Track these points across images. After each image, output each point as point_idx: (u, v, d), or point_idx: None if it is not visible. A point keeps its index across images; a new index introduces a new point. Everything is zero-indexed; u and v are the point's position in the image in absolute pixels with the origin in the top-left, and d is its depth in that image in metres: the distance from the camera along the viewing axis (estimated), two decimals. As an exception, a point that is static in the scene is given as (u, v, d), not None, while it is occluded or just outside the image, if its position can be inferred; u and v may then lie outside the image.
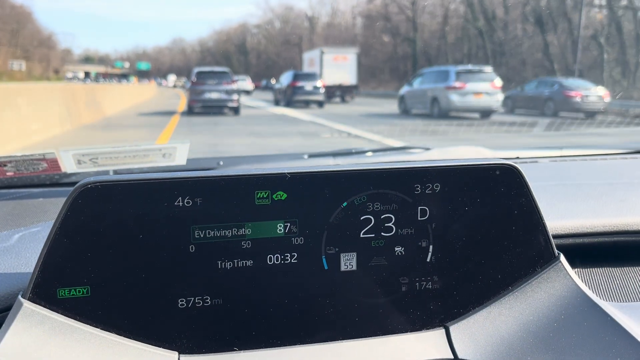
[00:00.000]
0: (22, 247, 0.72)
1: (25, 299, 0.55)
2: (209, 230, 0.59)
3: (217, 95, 16.16)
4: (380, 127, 12.22)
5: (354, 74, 27.29)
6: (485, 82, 15.38)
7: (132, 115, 15.76)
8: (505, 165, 0.65)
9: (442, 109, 15.41)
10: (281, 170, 0.60)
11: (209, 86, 16.21)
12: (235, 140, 9.69)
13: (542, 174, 1.23)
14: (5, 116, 9.16)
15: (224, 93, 16.19)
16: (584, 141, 8.84)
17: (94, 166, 1.05)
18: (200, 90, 16.16)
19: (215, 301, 0.60)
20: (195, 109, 16.23)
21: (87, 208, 0.56)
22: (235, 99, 16.30)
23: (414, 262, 0.65)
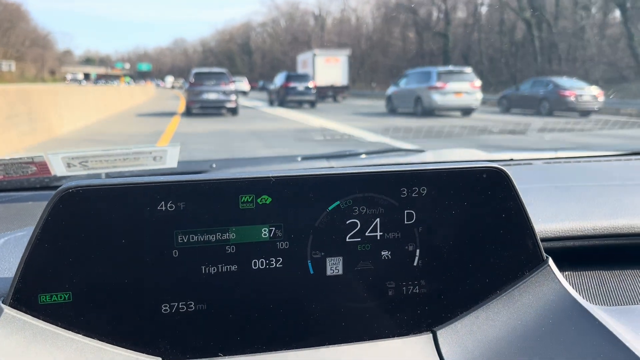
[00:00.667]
0: (6, 251, 0.72)
1: (6, 304, 0.55)
2: (192, 235, 0.59)
3: (215, 96, 16.11)
4: (367, 124, 12.59)
5: (346, 75, 28.50)
6: (465, 82, 16.11)
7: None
8: (492, 168, 0.65)
9: (424, 108, 16.11)
10: (266, 174, 0.60)
11: (207, 87, 16.16)
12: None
13: (535, 176, 1.23)
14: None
15: (221, 94, 16.14)
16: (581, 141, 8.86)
17: (84, 169, 1.05)
18: (198, 91, 16.12)
19: (200, 306, 0.60)
20: (193, 109, 16.23)
21: (68, 213, 0.55)
22: (233, 100, 16.29)
23: (400, 266, 0.64)
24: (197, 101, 16.17)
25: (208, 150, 8.26)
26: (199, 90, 16.14)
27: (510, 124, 12.25)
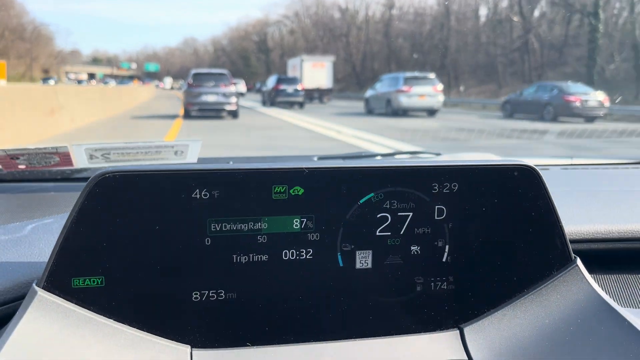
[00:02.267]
0: (35, 237, 0.72)
1: (40, 287, 0.55)
2: (225, 224, 0.59)
3: (214, 98, 15.42)
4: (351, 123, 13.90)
5: (330, 79, 31.61)
6: (428, 86, 18.43)
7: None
8: (523, 166, 0.65)
9: (393, 109, 18.32)
10: (299, 166, 0.60)
11: (206, 88, 15.58)
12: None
13: (554, 180, 1.22)
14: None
15: (221, 96, 15.43)
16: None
17: (106, 161, 1.05)
18: (196, 93, 15.51)
19: (230, 295, 0.60)
20: (191, 112, 15.54)
21: (104, 198, 0.55)
22: (234, 102, 15.53)
23: (429, 261, 0.64)
24: (195, 103, 15.46)
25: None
26: (198, 92, 15.48)
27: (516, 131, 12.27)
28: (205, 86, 15.62)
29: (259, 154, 7.96)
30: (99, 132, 11.73)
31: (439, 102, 18.60)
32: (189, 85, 15.86)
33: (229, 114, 15.67)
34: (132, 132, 11.88)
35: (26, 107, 9.59)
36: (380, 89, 19.87)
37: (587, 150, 8.93)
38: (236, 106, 15.65)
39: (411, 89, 18.23)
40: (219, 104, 15.51)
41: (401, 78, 18.86)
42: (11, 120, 8.87)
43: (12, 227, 0.77)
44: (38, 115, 10.07)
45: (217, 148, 8.13)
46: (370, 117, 18.17)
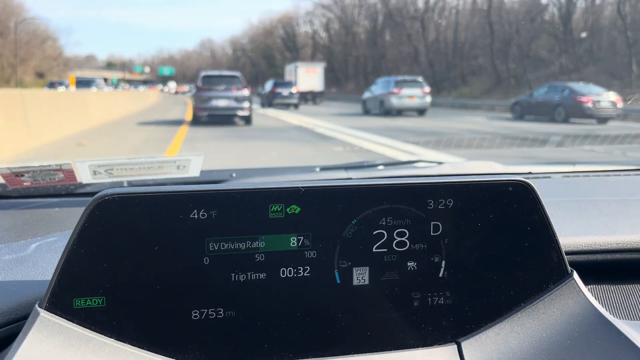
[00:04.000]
0: (39, 256, 0.73)
1: (42, 308, 0.56)
2: (223, 243, 0.60)
3: (225, 103, 14.43)
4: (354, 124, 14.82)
5: (322, 83, 35.86)
6: (416, 88, 20.30)
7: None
8: (518, 181, 0.65)
9: (385, 109, 20.14)
10: (295, 185, 0.61)
11: (217, 92, 14.45)
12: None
13: (555, 189, 1.23)
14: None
15: (233, 100, 14.43)
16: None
17: (109, 177, 1.06)
18: (206, 97, 14.39)
19: (228, 313, 0.61)
20: (201, 118, 14.56)
21: (104, 219, 0.57)
22: (247, 107, 14.52)
23: (426, 277, 0.65)
24: (205, 108, 14.44)
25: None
26: (208, 96, 14.40)
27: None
28: (215, 90, 14.56)
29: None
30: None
31: (427, 102, 20.37)
32: (198, 89, 14.84)
33: (242, 119, 14.87)
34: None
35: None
36: (375, 91, 21.63)
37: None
38: (249, 111, 14.74)
39: (401, 91, 20.02)
40: (230, 109, 14.58)
41: (392, 81, 20.67)
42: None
43: (17, 245, 0.78)
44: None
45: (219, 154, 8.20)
46: (367, 117, 19.86)
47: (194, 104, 15.01)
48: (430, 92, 21.04)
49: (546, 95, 17.92)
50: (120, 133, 13.04)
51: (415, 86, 20.41)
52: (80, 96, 15.53)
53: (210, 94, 14.49)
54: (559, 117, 16.79)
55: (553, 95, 17.54)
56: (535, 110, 18.08)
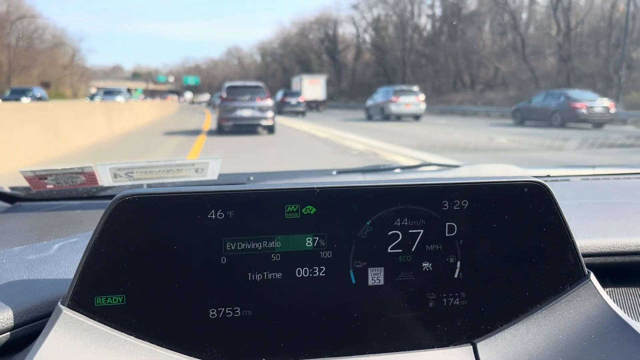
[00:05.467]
0: (62, 256, 0.75)
1: (65, 306, 0.58)
2: (240, 243, 0.61)
3: (249, 113, 14.75)
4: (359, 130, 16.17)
5: (324, 92, 40.79)
6: (412, 97, 23.39)
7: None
8: (533, 182, 0.65)
9: (385, 115, 23.32)
10: (311, 185, 0.62)
11: (241, 102, 14.76)
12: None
13: (574, 192, 1.22)
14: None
15: (257, 110, 14.74)
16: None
17: (129, 180, 1.08)
18: (231, 107, 14.75)
19: (245, 312, 0.62)
20: (225, 127, 14.90)
21: (124, 220, 0.58)
22: (270, 117, 14.82)
23: (441, 278, 0.65)
24: (229, 118, 14.79)
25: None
26: (232, 106, 14.75)
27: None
28: (240, 100, 14.87)
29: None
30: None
31: (421, 109, 23.40)
32: (223, 100, 15.11)
33: (265, 129, 15.16)
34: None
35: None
36: (377, 99, 24.68)
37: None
38: (272, 121, 15.01)
39: (399, 99, 23.12)
40: (254, 119, 14.90)
41: (391, 90, 23.78)
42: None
43: (40, 246, 0.80)
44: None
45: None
46: (371, 122, 22.76)
47: (219, 114, 15.22)
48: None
49: (544, 101, 19.37)
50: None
51: (411, 95, 23.47)
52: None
53: (235, 104, 14.78)
54: (555, 122, 18.27)
55: (550, 101, 19.00)
56: (535, 116, 19.51)
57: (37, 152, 9.07)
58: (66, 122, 11.23)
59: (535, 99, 20.15)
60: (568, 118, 17.89)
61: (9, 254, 0.76)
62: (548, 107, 18.85)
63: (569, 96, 18.40)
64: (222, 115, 14.95)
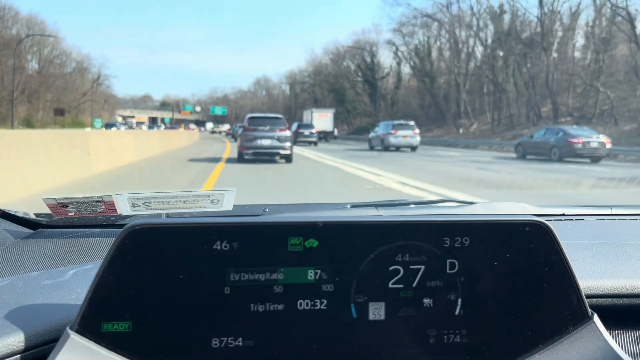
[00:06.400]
0: (75, 282, 0.78)
1: (73, 330, 0.60)
2: (243, 274, 0.63)
3: (269, 142, 15.61)
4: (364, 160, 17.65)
5: (332, 124, 46.97)
6: (409, 130, 26.54)
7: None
8: (534, 222, 0.66)
9: (385, 146, 26.48)
10: (314, 219, 0.63)
11: (261, 132, 15.59)
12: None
13: (587, 232, 1.21)
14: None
15: (276, 140, 15.60)
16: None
17: (147, 209, 1.12)
18: (252, 137, 15.59)
19: (247, 343, 0.63)
20: (245, 155, 15.78)
21: (133, 248, 0.61)
22: (288, 147, 15.72)
23: (442, 314, 0.66)
24: (250, 147, 15.63)
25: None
26: (253, 136, 15.58)
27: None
28: (260, 130, 15.60)
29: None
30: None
31: (417, 141, 26.71)
32: (244, 129, 15.97)
33: (283, 158, 15.96)
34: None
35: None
36: (378, 132, 28.18)
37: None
38: (290, 150, 15.85)
39: (397, 132, 26.33)
40: (273, 148, 15.65)
41: (390, 124, 27.23)
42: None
43: (56, 272, 0.83)
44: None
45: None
46: (372, 151, 25.81)
47: (240, 143, 16.13)
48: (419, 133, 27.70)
49: (544, 136, 20.71)
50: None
51: (408, 129, 26.67)
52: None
53: (255, 134, 15.63)
54: (554, 156, 19.55)
55: (549, 137, 20.32)
56: (535, 151, 20.86)
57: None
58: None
59: (537, 134, 21.62)
60: (566, 153, 19.11)
61: (26, 278, 0.79)
62: (547, 142, 20.12)
63: (566, 132, 19.82)
64: (243, 144, 15.83)
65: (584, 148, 18.84)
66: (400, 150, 26.52)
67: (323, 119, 45.90)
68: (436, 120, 53.13)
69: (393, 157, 20.83)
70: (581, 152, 18.84)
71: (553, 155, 19.58)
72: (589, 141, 18.92)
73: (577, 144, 18.88)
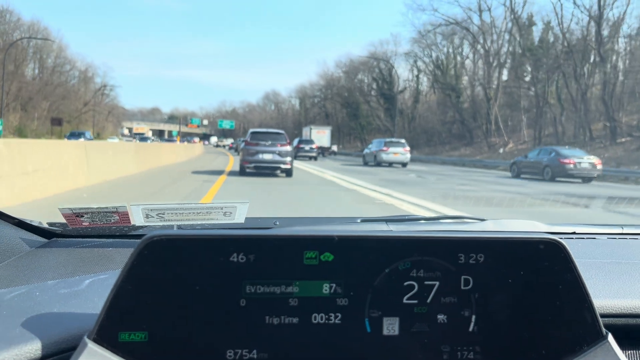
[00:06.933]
0: (92, 292, 0.79)
1: (90, 339, 0.60)
2: (259, 286, 0.63)
3: (270, 157, 16.02)
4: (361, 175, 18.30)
5: (329, 140, 50.55)
6: (400, 147, 28.17)
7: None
8: (549, 240, 0.66)
9: (377, 162, 28.09)
10: (330, 233, 0.64)
11: (263, 147, 16.02)
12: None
13: (598, 250, 1.20)
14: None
15: (277, 155, 16.02)
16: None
17: (160, 220, 1.13)
18: (253, 151, 16.03)
19: (261, 355, 0.63)
20: (247, 169, 16.21)
21: (151, 259, 0.61)
22: (289, 162, 16.11)
23: (456, 331, 0.66)
24: (252, 161, 16.07)
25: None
26: (255, 150, 16.02)
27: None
28: (262, 145, 16.07)
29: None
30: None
31: (407, 157, 28.38)
32: (247, 144, 16.33)
33: (283, 172, 16.33)
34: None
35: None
36: (371, 148, 29.92)
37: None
38: (290, 165, 16.25)
39: (389, 149, 28.02)
40: (274, 162, 16.05)
41: (383, 142, 29.00)
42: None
43: (72, 281, 0.84)
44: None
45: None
46: (366, 167, 27.33)
47: (242, 157, 16.57)
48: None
49: (537, 156, 21.56)
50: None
51: (399, 146, 28.36)
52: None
53: (257, 148, 16.07)
54: (547, 176, 20.33)
55: (543, 157, 21.13)
56: (529, 170, 21.67)
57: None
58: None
59: (531, 154, 22.57)
60: (557, 173, 19.93)
61: (42, 287, 0.80)
62: (540, 162, 21.00)
63: (559, 152, 20.67)
64: (245, 158, 16.23)
65: (575, 168, 19.66)
66: (384, 165, 28.30)
67: (320, 136, 49.41)
68: (461, 137, 49.90)
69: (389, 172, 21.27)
70: (572, 172, 19.64)
71: (546, 175, 20.40)
72: (580, 162, 19.75)
73: (569, 164, 19.71)
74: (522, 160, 22.71)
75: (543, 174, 20.59)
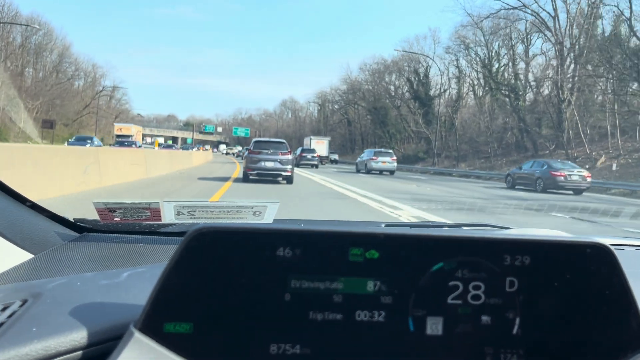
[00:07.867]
0: (131, 283, 0.79)
1: (136, 329, 0.61)
2: (304, 281, 0.63)
3: (272, 165, 16.87)
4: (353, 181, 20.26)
5: (327, 150, 55.98)
6: (388, 157, 31.33)
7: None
8: (596, 244, 0.66)
9: (367, 169, 30.94)
10: (377, 230, 0.64)
11: (265, 155, 16.91)
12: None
13: (627, 261, 1.19)
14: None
15: (278, 163, 16.90)
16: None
17: (191, 218, 1.13)
18: (256, 159, 16.92)
19: (305, 350, 0.63)
20: (250, 176, 17.03)
21: (199, 251, 0.62)
22: (289, 169, 16.97)
23: (500, 332, 0.65)
24: (254, 168, 16.80)
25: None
26: (257, 158, 16.90)
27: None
28: (264, 153, 16.96)
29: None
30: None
31: (394, 166, 31.31)
32: (250, 152, 17.29)
33: (284, 179, 17.20)
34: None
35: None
36: (363, 157, 32.87)
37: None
38: (291, 172, 17.13)
39: (377, 158, 31.02)
40: (276, 170, 16.92)
41: (372, 152, 32.47)
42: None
43: (110, 273, 0.85)
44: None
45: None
46: (358, 174, 29.70)
47: (245, 164, 17.50)
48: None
49: (530, 169, 22.74)
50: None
51: (387, 155, 31.44)
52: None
53: (260, 156, 16.96)
54: (539, 187, 21.36)
55: (535, 169, 22.29)
56: (523, 182, 22.76)
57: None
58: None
59: (525, 166, 23.76)
60: (549, 185, 20.95)
61: (81, 278, 0.81)
62: (533, 174, 22.10)
63: (550, 165, 21.85)
64: (248, 165, 17.13)
65: (566, 181, 20.77)
66: (373, 173, 30.92)
67: (320, 145, 54.50)
68: (520, 147, 41.41)
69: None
70: (563, 184, 20.76)
71: (538, 187, 21.44)
72: (570, 174, 20.90)
73: (560, 176, 20.82)
74: (517, 172, 23.82)
75: (535, 186, 21.59)
